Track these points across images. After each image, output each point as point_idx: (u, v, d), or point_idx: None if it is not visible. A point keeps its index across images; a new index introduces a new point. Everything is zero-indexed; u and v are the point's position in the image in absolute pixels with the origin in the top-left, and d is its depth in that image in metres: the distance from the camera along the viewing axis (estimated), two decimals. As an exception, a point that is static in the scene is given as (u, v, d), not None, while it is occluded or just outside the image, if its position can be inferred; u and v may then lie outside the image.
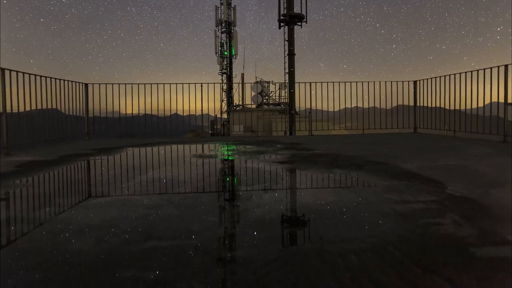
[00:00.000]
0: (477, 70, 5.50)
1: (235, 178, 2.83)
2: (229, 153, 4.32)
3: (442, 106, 6.53)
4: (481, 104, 5.58)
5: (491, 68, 5.19)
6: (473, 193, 1.98)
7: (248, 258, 1.13)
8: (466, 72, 5.76)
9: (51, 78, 5.79)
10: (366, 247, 1.19)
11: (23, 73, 5.19)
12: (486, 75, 5.26)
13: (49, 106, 5.89)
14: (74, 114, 6.63)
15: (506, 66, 4.94)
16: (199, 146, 5.14)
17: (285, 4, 14.74)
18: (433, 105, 6.85)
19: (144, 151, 4.64)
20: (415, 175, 2.56)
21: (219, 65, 19.29)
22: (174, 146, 5.17)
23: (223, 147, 4.95)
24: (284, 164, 3.28)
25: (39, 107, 5.66)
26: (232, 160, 3.77)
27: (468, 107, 5.85)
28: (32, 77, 5.35)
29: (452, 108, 6.17)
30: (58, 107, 6.15)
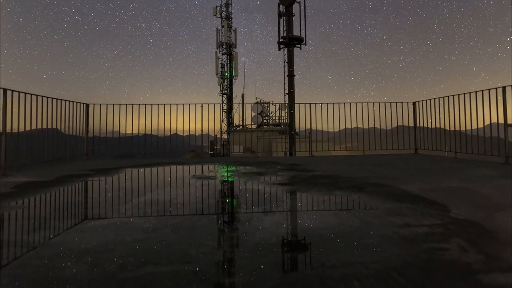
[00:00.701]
0: (475, 92, 5.58)
1: (234, 200, 2.81)
2: (229, 174, 4.30)
3: (442, 127, 6.58)
4: (481, 125, 5.63)
5: (489, 89, 5.27)
6: (477, 217, 1.96)
7: (248, 285, 1.10)
8: (464, 94, 5.85)
9: (52, 98, 5.87)
10: (369, 272, 1.16)
11: (25, 93, 5.27)
12: (484, 97, 5.35)
13: (49, 126, 5.94)
14: (74, 134, 6.67)
15: (504, 88, 5.02)
16: (199, 167, 5.13)
17: (284, 27, 15.19)
18: (433, 126, 6.91)
19: (143, 172, 4.62)
20: (418, 197, 2.54)
21: (219, 86, 19.61)
22: (173, 167, 5.16)
23: (223, 168, 4.94)
24: (285, 186, 3.26)
25: (39, 127, 5.70)
26: (232, 182, 3.75)
27: (468, 128, 5.89)
28: (34, 97, 5.43)
29: (452, 129, 6.21)
30: (58, 127, 6.20)
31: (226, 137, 17.95)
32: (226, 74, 19.75)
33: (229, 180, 3.87)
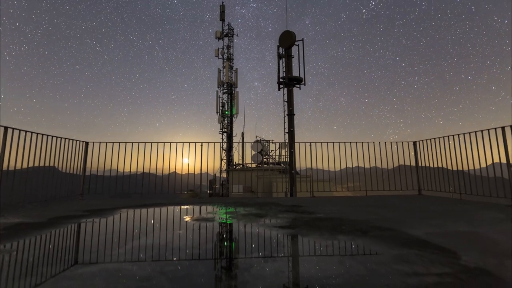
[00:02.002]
0: (475, 132, 5.66)
1: (233, 244, 2.71)
2: (228, 216, 4.21)
3: (445, 166, 6.58)
4: (484, 165, 5.63)
5: (488, 130, 5.35)
6: (489, 264, 1.88)
7: None
8: (464, 134, 5.92)
9: (52, 136, 5.95)
10: (378, 331, 1.08)
11: (25, 131, 5.35)
12: (484, 136, 5.41)
13: (47, 164, 5.94)
14: (71, 172, 6.65)
15: (503, 128, 5.10)
16: (197, 208, 5.04)
17: (284, 68, 15.83)
18: (436, 166, 6.91)
19: (139, 213, 4.53)
20: (425, 242, 2.45)
21: (219, 124, 19.94)
22: (170, 208, 5.07)
23: (221, 209, 4.85)
24: (285, 229, 3.17)
25: (36, 164, 5.71)
26: (231, 224, 3.65)
27: (472, 168, 5.88)
28: (34, 135, 5.50)
29: (455, 168, 6.20)
30: (56, 165, 6.20)
31: (225, 176, 17.84)
32: (226, 112, 20.18)
33: (228, 222, 3.77)
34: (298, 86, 15.74)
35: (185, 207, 5.19)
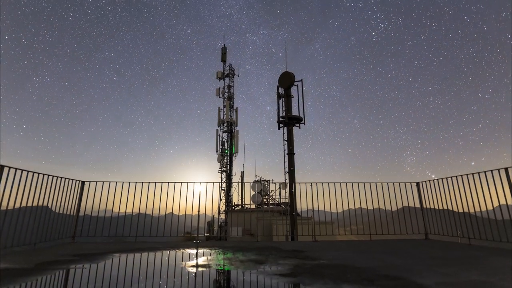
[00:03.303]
0: (478, 173, 5.64)
1: (231, 295, 2.56)
2: (225, 262, 4.04)
3: (450, 208, 6.45)
4: (490, 207, 5.52)
5: (491, 171, 5.33)
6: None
7: None
8: (467, 175, 5.89)
9: (48, 175, 5.90)
10: None
11: (21, 170, 5.31)
12: (488, 178, 5.37)
13: (40, 204, 5.82)
14: (65, 212, 6.50)
15: (506, 170, 5.08)
16: (193, 253, 4.85)
17: (283, 107, 16.20)
18: (441, 207, 6.76)
19: (132, 258, 4.35)
20: (436, 294, 2.32)
21: (219, 163, 19.92)
22: (165, 252, 4.87)
23: (219, 254, 4.66)
24: (286, 277, 3.02)
25: (29, 204, 5.59)
26: (229, 272, 3.49)
27: (478, 209, 5.76)
28: (30, 174, 5.46)
29: (461, 210, 6.07)
30: (50, 205, 6.07)
31: (224, 217, 17.45)
32: (226, 151, 20.27)
33: (226, 269, 3.61)
34: (298, 125, 15.99)
35: (181, 251, 5.00)
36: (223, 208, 18.00)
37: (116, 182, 6.95)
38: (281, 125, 16.22)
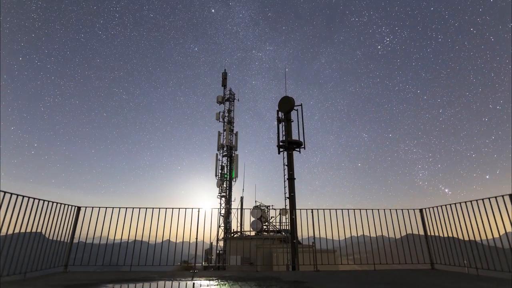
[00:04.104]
0: (482, 199, 5.59)
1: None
2: (224, 293, 3.92)
3: (456, 236, 6.33)
4: (496, 235, 5.42)
5: (495, 197, 5.29)
6: None
7: None
8: (471, 201, 5.84)
9: (44, 200, 5.85)
10: None
11: (17, 195, 5.27)
12: (493, 204, 5.32)
13: (34, 230, 5.73)
14: (58, 239, 6.37)
15: (511, 196, 5.03)
16: (190, 284, 4.71)
17: (283, 132, 16.31)
18: (446, 235, 6.64)
19: (126, 288, 4.22)
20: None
21: (218, 188, 19.78)
22: (160, 283, 4.74)
23: (216, 285, 4.53)
24: (287, 311, 2.92)
25: (22, 230, 5.50)
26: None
27: (484, 237, 5.66)
28: (26, 199, 5.41)
29: (467, 238, 5.96)
30: (43, 231, 5.97)
31: (222, 244, 17.08)
32: (226, 175, 20.19)
33: (224, 301, 3.50)
34: (298, 150, 16.03)
35: (177, 282, 4.86)
36: (221, 235, 17.67)
37: (113, 207, 6.87)
38: (281, 149, 16.28)
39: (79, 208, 6.91)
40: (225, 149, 21.05)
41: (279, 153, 16.39)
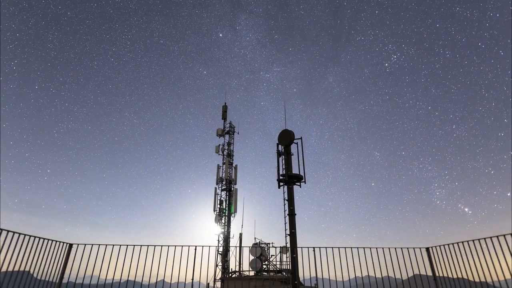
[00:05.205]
0: (485, 239, 5.52)
1: None
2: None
3: (466, 277, 6.17)
4: (508, 276, 5.30)
5: (504, 235, 5.23)
6: None
7: None
8: (480, 239, 5.75)
9: (34, 237, 5.76)
10: None
11: (7, 231, 5.20)
12: (501, 242, 5.25)
13: (21, 268, 5.58)
14: (47, 279, 6.19)
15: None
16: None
17: (283, 166, 16.35)
18: (455, 276, 6.46)
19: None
20: None
21: (216, 223, 19.42)
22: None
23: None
24: None
25: (10, 269, 5.36)
26: None
27: (496, 279, 5.52)
28: (16, 236, 5.33)
29: (477, 279, 5.81)
30: (31, 270, 5.81)
31: (220, 285, 16.44)
32: (224, 210, 19.91)
33: None
34: (299, 184, 15.98)
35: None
36: (219, 275, 17.07)
37: (106, 245, 6.74)
38: (281, 183, 16.22)
39: (70, 246, 6.77)
40: (224, 182, 20.96)
41: (279, 187, 16.33)
